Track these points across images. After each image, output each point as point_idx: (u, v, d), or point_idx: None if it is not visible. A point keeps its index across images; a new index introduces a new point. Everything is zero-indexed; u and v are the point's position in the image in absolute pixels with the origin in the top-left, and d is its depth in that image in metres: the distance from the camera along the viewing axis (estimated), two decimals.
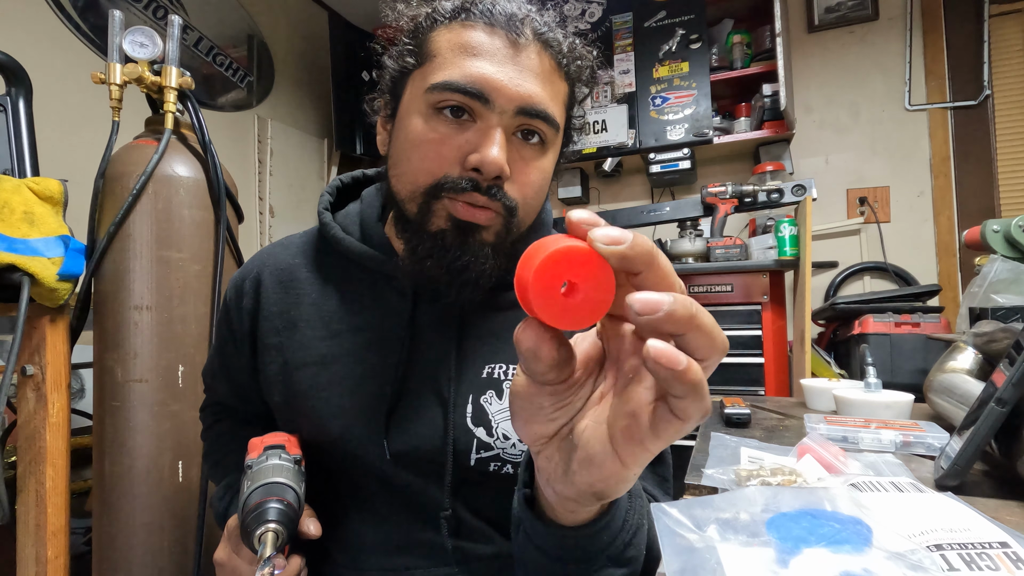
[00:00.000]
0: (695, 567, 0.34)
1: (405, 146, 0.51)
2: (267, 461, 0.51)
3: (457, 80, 0.48)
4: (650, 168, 2.27)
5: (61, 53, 1.77)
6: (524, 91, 0.48)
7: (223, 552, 0.55)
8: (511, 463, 0.54)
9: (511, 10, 0.50)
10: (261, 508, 0.47)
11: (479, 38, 0.49)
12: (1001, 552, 0.35)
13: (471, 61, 0.48)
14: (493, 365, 0.56)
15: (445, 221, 0.50)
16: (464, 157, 0.48)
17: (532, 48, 0.50)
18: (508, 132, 0.49)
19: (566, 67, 0.53)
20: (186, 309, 1.01)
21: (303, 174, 2.78)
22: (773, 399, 1.04)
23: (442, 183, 0.49)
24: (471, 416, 0.54)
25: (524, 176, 0.51)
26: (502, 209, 0.50)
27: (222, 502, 0.64)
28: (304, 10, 2.81)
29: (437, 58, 0.50)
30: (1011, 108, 2.14)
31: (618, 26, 2.28)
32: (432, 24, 0.51)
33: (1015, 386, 0.45)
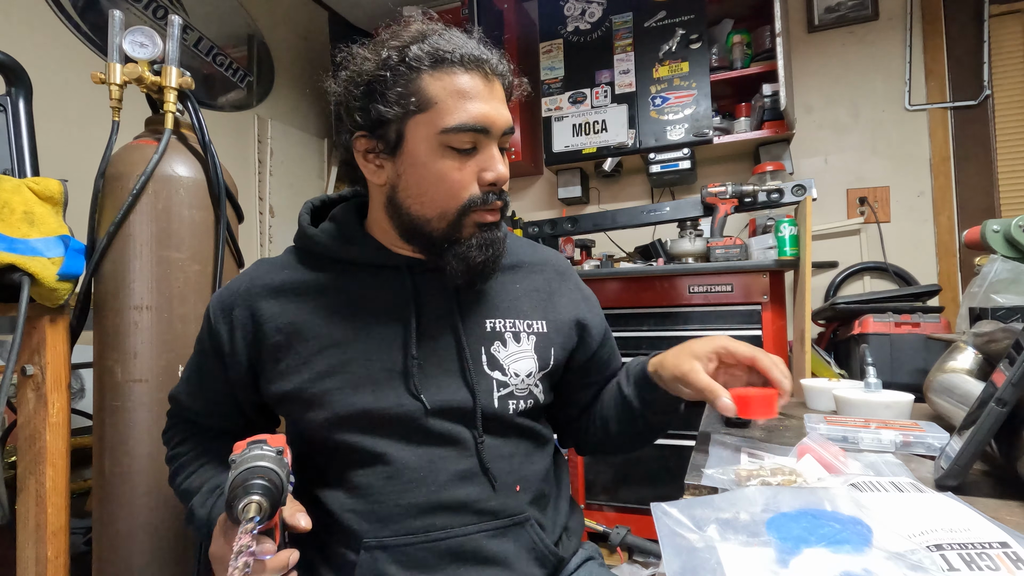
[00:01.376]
0: (695, 567, 0.34)
1: (428, 179, 0.63)
2: (249, 452, 0.53)
3: (467, 122, 0.61)
4: (650, 168, 2.27)
5: (61, 53, 1.77)
6: (505, 118, 0.64)
7: (217, 546, 0.56)
8: (521, 399, 0.69)
9: (475, 53, 0.62)
10: (243, 485, 0.49)
11: (467, 82, 0.61)
12: (1001, 552, 0.35)
13: (470, 104, 0.61)
14: (493, 320, 0.69)
15: (473, 227, 0.64)
16: (477, 176, 0.63)
17: (496, 81, 0.64)
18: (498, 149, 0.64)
19: (508, 89, 0.67)
20: (186, 309, 1.01)
21: (303, 174, 2.78)
22: None
23: (470, 203, 0.63)
24: (487, 363, 0.67)
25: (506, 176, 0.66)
26: (504, 205, 0.66)
27: (204, 508, 0.65)
28: (304, 10, 2.81)
29: (439, 104, 0.61)
30: (1011, 108, 2.14)
31: (618, 26, 2.28)
32: (416, 72, 0.61)
33: (1015, 386, 0.45)
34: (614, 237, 2.47)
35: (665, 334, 1.77)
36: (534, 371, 0.70)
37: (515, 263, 0.75)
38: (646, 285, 1.82)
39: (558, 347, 0.72)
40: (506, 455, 0.67)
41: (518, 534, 0.65)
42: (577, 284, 0.79)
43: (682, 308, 1.77)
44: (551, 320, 0.73)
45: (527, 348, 0.70)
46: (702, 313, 1.74)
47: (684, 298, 1.76)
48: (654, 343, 1.77)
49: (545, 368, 0.71)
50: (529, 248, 0.79)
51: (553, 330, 0.72)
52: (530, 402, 0.69)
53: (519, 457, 0.68)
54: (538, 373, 0.70)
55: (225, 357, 0.68)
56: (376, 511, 0.62)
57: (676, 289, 1.78)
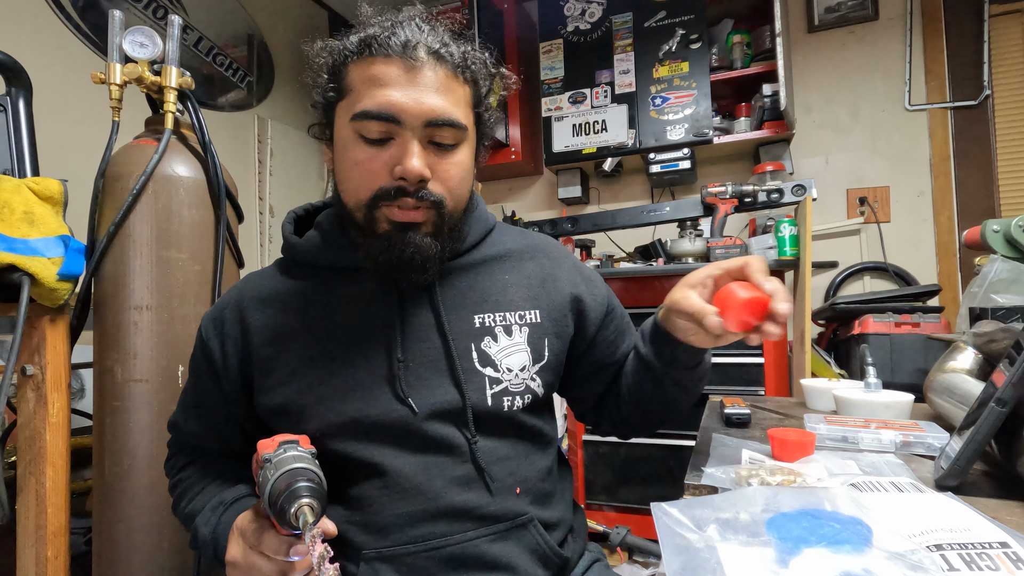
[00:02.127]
0: (695, 567, 0.34)
1: (344, 167, 0.62)
2: (285, 453, 0.53)
3: (371, 109, 0.58)
4: (650, 168, 2.27)
5: (61, 53, 1.77)
6: (426, 107, 0.58)
7: (237, 550, 0.56)
8: (517, 394, 0.66)
9: (404, 38, 0.59)
10: (291, 489, 0.49)
11: (381, 70, 0.59)
12: (1001, 552, 0.35)
13: (379, 91, 0.58)
14: (482, 316, 0.67)
15: (387, 224, 0.61)
16: (391, 170, 0.59)
17: (427, 65, 0.59)
18: (423, 142, 0.60)
19: (463, 72, 0.62)
20: (186, 309, 1.01)
21: (303, 174, 2.78)
22: (773, 399, 1.04)
23: (378, 195, 0.60)
24: (477, 360, 0.65)
25: (444, 173, 0.61)
26: (431, 206, 0.61)
27: (207, 526, 0.64)
28: (304, 10, 2.81)
29: (353, 92, 0.60)
30: (1011, 108, 2.14)
31: (618, 26, 2.28)
32: (344, 61, 0.61)
33: (1015, 386, 0.45)
34: (614, 237, 2.47)
35: None
36: (527, 364, 0.67)
37: (502, 252, 0.72)
38: (646, 285, 1.82)
39: (552, 336, 0.69)
40: (504, 457, 0.65)
41: (520, 536, 0.63)
42: (575, 264, 0.76)
43: None
44: (544, 308, 0.69)
45: (520, 341, 0.67)
46: None
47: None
48: None
49: (540, 361, 0.68)
50: (518, 236, 0.75)
51: (547, 319, 0.69)
52: (528, 397, 0.67)
53: (518, 458, 0.66)
54: (532, 366, 0.67)
55: (219, 372, 0.68)
56: (374, 522, 0.61)
57: None
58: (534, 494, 0.66)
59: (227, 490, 0.68)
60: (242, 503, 0.65)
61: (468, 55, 0.63)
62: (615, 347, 0.75)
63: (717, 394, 1.00)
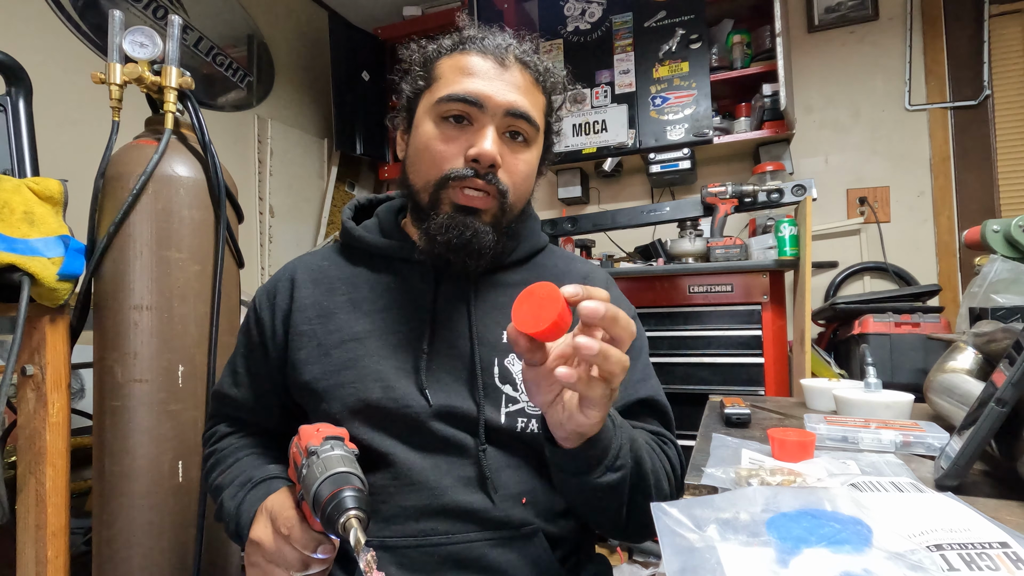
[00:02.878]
0: (695, 567, 0.34)
1: (420, 148, 0.65)
2: (332, 451, 0.53)
3: (457, 92, 0.62)
4: (650, 168, 2.27)
5: (61, 53, 1.77)
6: (510, 99, 0.63)
7: (264, 532, 0.56)
8: (532, 417, 0.65)
9: (498, 41, 0.65)
10: (339, 498, 0.48)
11: (473, 61, 0.64)
12: (1001, 552, 0.35)
13: (468, 79, 0.63)
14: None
15: (450, 207, 0.63)
16: (465, 151, 0.62)
17: (515, 68, 0.64)
18: (499, 131, 0.63)
19: (543, 82, 0.68)
20: (186, 309, 1.01)
21: (303, 174, 2.78)
22: (773, 399, 1.04)
23: (449, 174, 0.62)
24: (498, 376, 0.66)
25: (513, 165, 0.65)
26: (496, 193, 0.63)
27: (233, 500, 0.65)
28: (304, 10, 2.81)
29: (441, 80, 0.65)
30: (1011, 108, 2.14)
31: (618, 26, 2.28)
32: (438, 55, 0.66)
33: (1015, 386, 0.45)
34: (614, 237, 2.47)
35: (665, 334, 1.77)
36: None
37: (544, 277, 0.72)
38: (646, 285, 1.82)
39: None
40: (513, 465, 0.64)
41: (523, 546, 0.63)
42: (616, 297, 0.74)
43: (682, 308, 1.77)
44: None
45: None
46: (702, 313, 1.74)
47: (684, 298, 1.76)
48: (654, 343, 1.77)
49: None
50: (566, 261, 0.77)
51: None
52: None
53: (527, 469, 0.65)
54: None
55: (267, 342, 0.71)
56: (379, 511, 0.62)
57: (676, 289, 1.78)
58: (542, 507, 0.65)
59: (257, 468, 0.69)
60: (269, 484, 0.65)
61: (550, 69, 0.69)
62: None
63: (717, 394, 1.00)
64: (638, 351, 0.72)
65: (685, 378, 1.73)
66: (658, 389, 0.72)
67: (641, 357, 0.72)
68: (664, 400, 0.72)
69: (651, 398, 0.70)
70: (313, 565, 0.55)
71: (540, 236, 0.76)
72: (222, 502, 0.67)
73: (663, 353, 1.75)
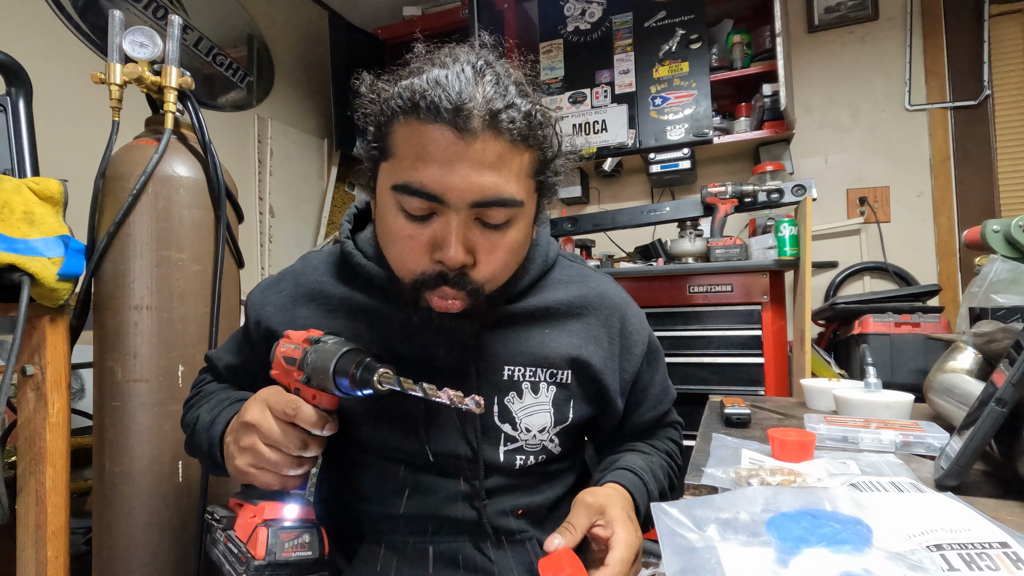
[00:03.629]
0: (695, 567, 0.34)
1: (386, 234, 0.57)
2: (336, 338, 0.56)
3: (412, 184, 0.52)
4: (650, 168, 2.27)
5: (61, 53, 1.77)
6: (474, 186, 0.51)
7: (260, 415, 0.54)
8: (532, 454, 0.65)
9: (456, 100, 0.49)
10: (364, 362, 0.52)
11: (428, 138, 0.51)
12: (1001, 552, 0.35)
13: (422, 165, 0.51)
14: (512, 368, 0.64)
15: (427, 304, 0.57)
16: (432, 251, 0.54)
17: (479, 138, 0.51)
18: (468, 222, 0.54)
19: (525, 140, 0.54)
20: (186, 309, 1.00)
21: (303, 174, 2.78)
22: (773, 399, 1.04)
23: (419, 280, 0.56)
24: (497, 415, 0.63)
25: (490, 256, 0.56)
26: (467, 295, 0.56)
27: (210, 413, 0.65)
28: (304, 10, 2.81)
29: (396, 156, 0.54)
30: (1011, 108, 2.14)
31: (618, 26, 2.27)
32: (391, 116, 0.54)
33: (1015, 386, 0.45)
34: (614, 237, 2.47)
35: (665, 334, 1.77)
36: (548, 426, 0.65)
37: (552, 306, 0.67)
38: (646, 285, 1.82)
39: (579, 400, 0.67)
40: (510, 487, 0.65)
41: (517, 550, 0.65)
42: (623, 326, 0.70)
43: (682, 308, 1.77)
44: (578, 371, 0.66)
45: (544, 400, 0.65)
46: (702, 313, 1.74)
47: (684, 298, 1.76)
48: None
49: (563, 423, 0.66)
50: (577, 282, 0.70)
51: (579, 383, 0.66)
52: (542, 457, 0.66)
53: (524, 489, 0.66)
54: (553, 428, 0.65)
55: (255, 344, 0.70)
56: (378, 512, 0.64)
57: (676, 289, 1.77)
58: (537, 517, 0.67)
59: (237, 392, 0.70)
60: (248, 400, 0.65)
61: (534, 115, 0.54)
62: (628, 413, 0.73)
63: (717, 394, 1.00)
64: (658, 362, 0.75)
65: (685, 378, 1.73)
66: (673, 392, 0.79)
67: (661, 368, 0.76)
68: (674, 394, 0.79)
69: (671, 409, 0.78)
70: (311, 447, 0.54)
71: (548, 252, 0.69)
72: (197, 418, 0.66)
73: (663, 353, 1.75)
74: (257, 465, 0.54)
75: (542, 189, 0.60)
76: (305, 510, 0.57)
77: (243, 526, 0.55)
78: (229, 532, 0.56)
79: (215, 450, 0.62)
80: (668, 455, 0.76)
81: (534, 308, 0.66)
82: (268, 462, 0.53)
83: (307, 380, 0.54)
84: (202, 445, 0.64)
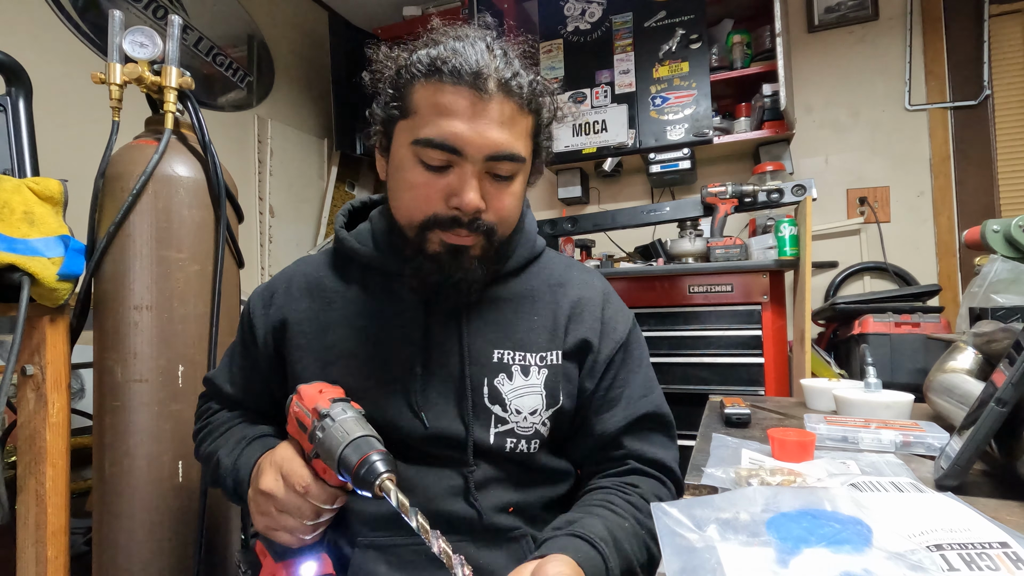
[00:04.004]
0: (695, 567, 0.34)
1: (401, 185, 0.63)
2: (345, 414, 0.55)
3: (435, 138, 0.58)
4: (650, 168, 2.27)
5: (61, 53, 1.77)
6: (490, 141, 0.58)
7: (274, 484, 0.56)
8: (523, 438, 0.65)
9: (475, 67, 0.57)
10: (369, 462, 0.51)
11: (449, 99, 0.58)
12: (1001, 552, 0.35)
13: (445, 121, 0.58)
14: (501, 351, 0.66)
15: (439, 245, 0.62)
16: (447, 198, 0.60)
17: (495, 99, 0.58)
18: (481, 173, 0.60)
19: (528, 103, 0.61)
20: (186, 309, 1.01)
21: (303, 174, 2.78)
22: (773, 399, 1.04)
23: (432, 220, 0.61)
24: (487, 396, 0.65)
25: (498, 203, 0.62)
26: (483, 235, 0.62)
27: (229, 457, 0.67)
28: (304, 10, 2.81)
29: (417, 114, 0.60)
30: (1011, 108, 2.14)
31: (618, 26, 2.27)
32: (411, 78, 0.60)
33: (1015, 386, 0.45)
34: (614, 237, 2.47)
35: (665, 334, 1.77)
36: (540, 408, 0.65)
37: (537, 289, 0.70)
38: (646, 285, 1.82)
39: (565, 381, 0.67)
40: (501, 479, 0.65)
41: (511, 548, 0.64)
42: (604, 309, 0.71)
43: (682, 308, 1.77)
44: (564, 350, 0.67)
45: (536, 383, 0.66)
46: (702, 313, 1.74)
47: (684, 298, 1.76)
48: (654, 343, 1.77)
49: (554, 405, 0.66)
50: (562, 269, 0.73)
51: (565, 362, 0.67)
52: (535, 442, 0.65)
53: (515, 483, 0.66)
54: (546, 411, 0.66)
55: (259, 347, 0.72)
56: (368, 512, 0.64)
57: (676, 289, 1.78)
58: (529, 514, 0.67)
59: (251, 429, 0.71)
60: (265, 440, 0.68)
61: (536, 84, 0.62)
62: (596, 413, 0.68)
63: (717, 394, 1.00)
64: (638, 362, 0.71)
65: (685, 378, 1.73)
66: (660, 401, 0.70)
67: (642, 369, 0.71)
68: (666, 410, 0.71)
69: (653, 412, 0.69)
70: (324, 515, 0.57)
71: (535, 242, 0.73)
72: (218, 460, 0.68)
73: (663, 353, 1.75)
74: (272, 528, 0.58)
75: (537, 150, 0.67)
76: (322, 566, 0.59)
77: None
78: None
79: (241, 490, 0.64)
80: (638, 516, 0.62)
81: (520, 291, 0.69)
82: (283, 527, 0.57)
83: (316, 455, 0.55)
84: (228, 488, 0.66)
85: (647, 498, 0.63)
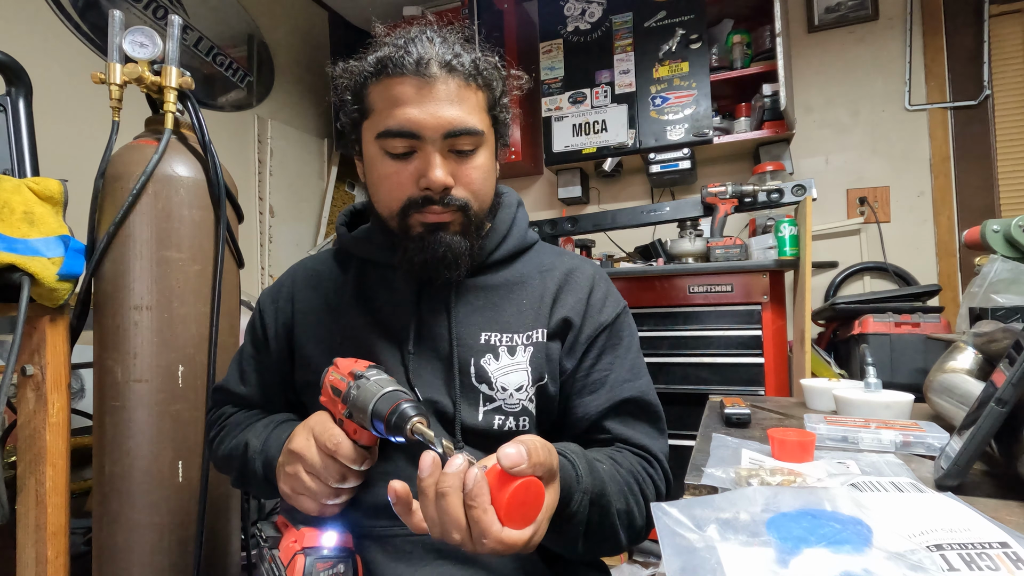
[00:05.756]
0: (695, 567, 0.34)
1: (375, 180, 0.68)
2: (380, 375, 0.58)
3: (393, 127, 0.63)
4: (650, 168, 2.27)
5: (61, 53, 1.77)
6: (443, 119, 0.62)
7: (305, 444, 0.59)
8: (510, 415, 0.67)
9: (416, 55, 0.62)
10: (400, 409, 0.53)
11: (398, 90, 0.63)
12: (1001, 552, 0.35)
13: (398, 110, 0.62)
14: (488, 333, 0.69)
15: (420, 227, 0.66)
16: (417, 180, 0.64)
17: (440, 80, 0.62)
18: (444, 152, 0.64)
19: (475, 80, 0.65)
20: (186, 309, 1.01)
21: (303, 174, 2.78)
22: (773, 399, 1.04)
23: (408, 205, 0.65)
24: (475, 375, 0.67)
25: (466, 178, 0.66)
26: (457, 209, 0.65)
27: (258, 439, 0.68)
28: (304, 10, 2.81)
29: (375, 112, 0.65)
30: (1011, 108, 2.14)
31: (618, 26, 2.27)
32: (364, 81, 0.66)
33: (1015, 386, 0.45)
34: (614, 237, 2.47)
35: (665, 334, 1.77)
36: (526, 384, 0.67)
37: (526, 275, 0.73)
38: (646, 285, 1.82)
39: (546, 358, 0.68)
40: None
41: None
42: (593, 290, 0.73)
43: (682, 308, 1.77)
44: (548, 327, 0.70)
45: (521, 361, 0.68)
46: (702, 313, 1.74)
47: (684, 298, 1.76)
48: (654, 343, 1.77)
49: (540, 381, 0.68)
50: (553, 257, 0.76)
51: (549, 338, 0.69)
52: (524, 419, 0.66)
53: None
54: (531, 387, 0.67)
55: (271, 340, 0.76)
56: (367, 502, 0.65)
57: (676, 289, 1.78)
58: None
59: (278, 415, 0.74)
60: (292, 423, 0.68)
61: (479, 61, 0.66)
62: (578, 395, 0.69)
63: (717, 394, 1.00)
64: (625, 349, 0.72)
65: (685, 378, 1.73)
66: (647, 388, 0.70)
67: (629, 356, 0.72)
68: (653, 399, 0.71)
69: (637, 397, 0.69)
70: (350, 479, 0.59)
71: (527, 235, 0.76)
72: (247, 444, 0.68)
73: (663, 353, 1.75)
74: (297, 491, 0.59)
75: (496, 124, 0.70)
76: (343, 537, 0.61)
77: (285, 549, 0.60)
78: (274, 552, 0.60)
79: (271, 472, 0.65)
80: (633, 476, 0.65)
81: (509, 279, 0.72)
82: (308, 490, 0.59)
83: (349, 415, 0.58)
84: (257, 470, 0.67)
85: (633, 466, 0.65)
